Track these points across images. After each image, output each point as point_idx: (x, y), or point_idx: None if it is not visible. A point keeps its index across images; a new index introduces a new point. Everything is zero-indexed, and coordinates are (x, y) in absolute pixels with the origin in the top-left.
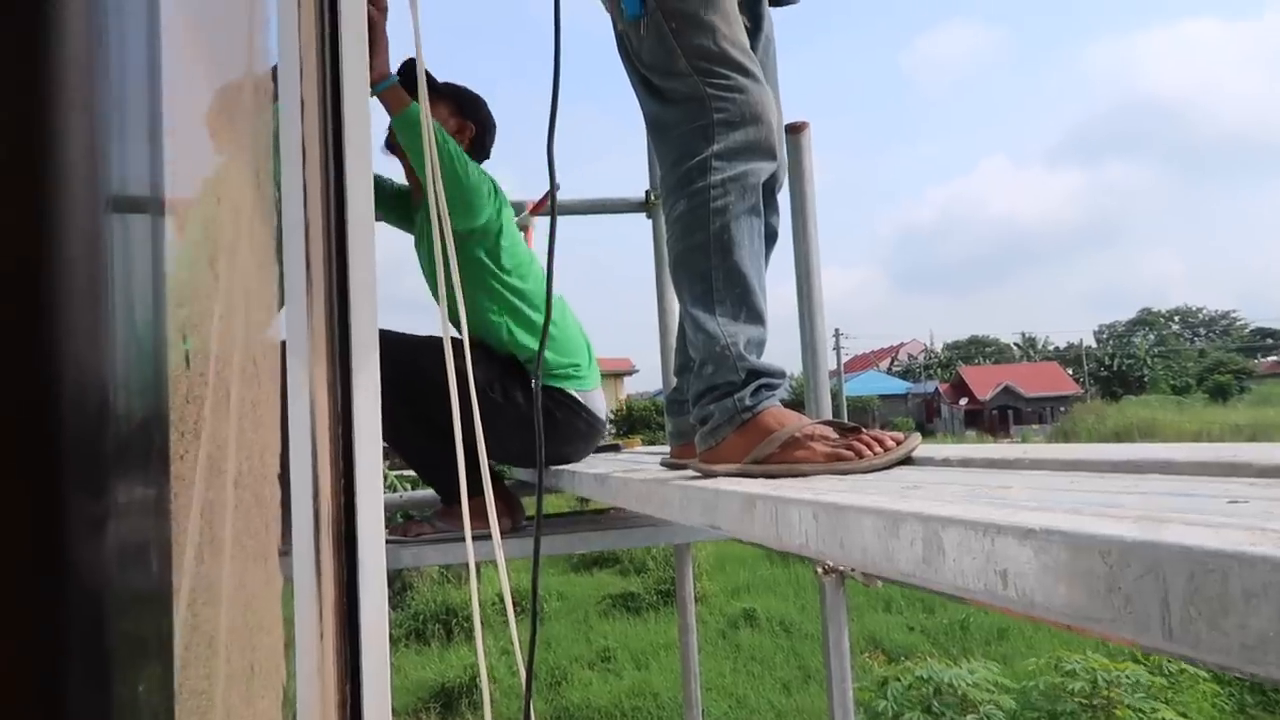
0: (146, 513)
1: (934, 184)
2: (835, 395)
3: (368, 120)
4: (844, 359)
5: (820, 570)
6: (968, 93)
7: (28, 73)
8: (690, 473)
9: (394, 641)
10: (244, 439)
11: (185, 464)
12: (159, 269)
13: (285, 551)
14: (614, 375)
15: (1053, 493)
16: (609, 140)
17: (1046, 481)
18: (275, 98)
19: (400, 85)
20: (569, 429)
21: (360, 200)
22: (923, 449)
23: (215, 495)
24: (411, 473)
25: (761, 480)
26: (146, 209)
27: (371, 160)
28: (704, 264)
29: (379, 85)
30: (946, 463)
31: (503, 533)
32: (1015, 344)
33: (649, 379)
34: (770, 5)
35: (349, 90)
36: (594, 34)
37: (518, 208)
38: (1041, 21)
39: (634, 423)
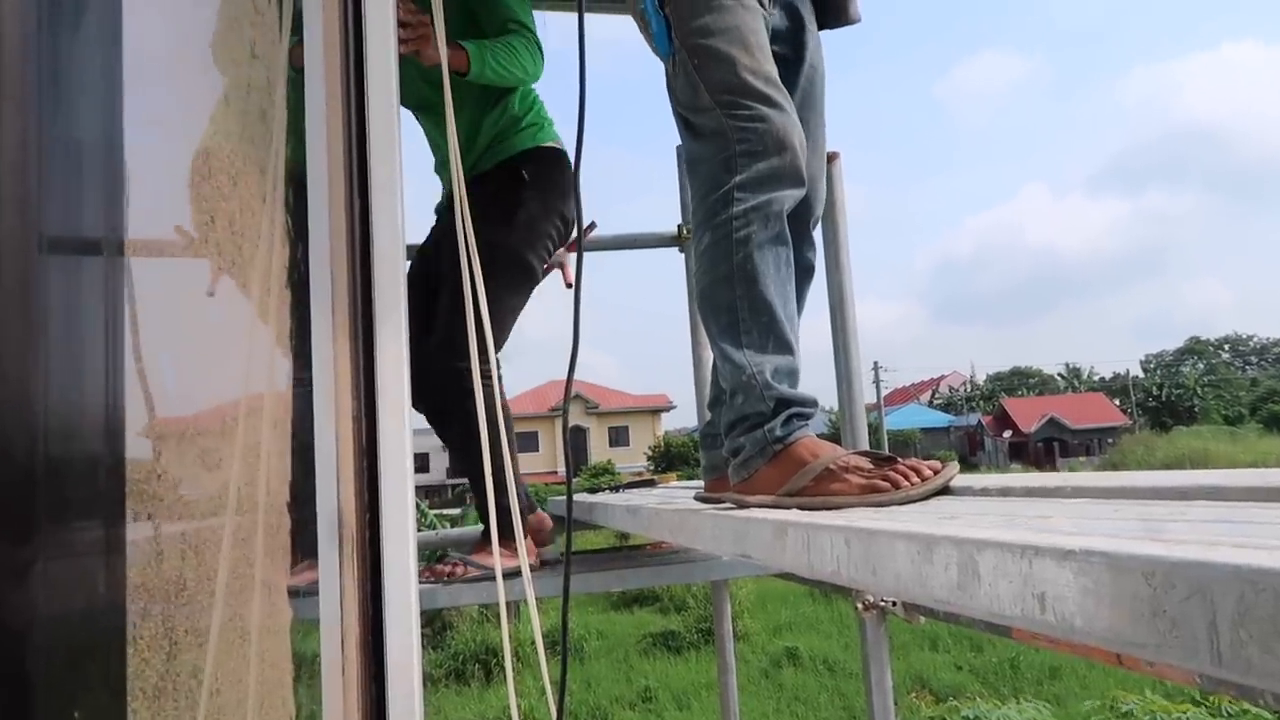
0: (90, 546)
1: (972, 214)
2: (876, 429)
3: (394, 139)
4: (884, 392)
5: (860, 606)
6: (1005, 122)
7: None
8: (724, 504)
9: (434, 682)
10: (246, 467)
11: (163, 487)
12: (113, 300)
13: (310, 591)
14: (651, 412)
15: (1095, 520)
16: (642, 182)
17: (1089, 509)
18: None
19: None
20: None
21: (385, 228)
22: (961, 479)
23: (209, 524)
24: (451, 511)
25: (796, 510)
26: (99, 238)
27: (400, 188)
28: (729, 295)
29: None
30: (985, 492)
31: (534, 568)
32: (1059, 375)
33: (686, 415)
34: (821, 29)
35: (374, 107)
36: (626, 79)
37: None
38: (1078, 50)
39: (672, 458)
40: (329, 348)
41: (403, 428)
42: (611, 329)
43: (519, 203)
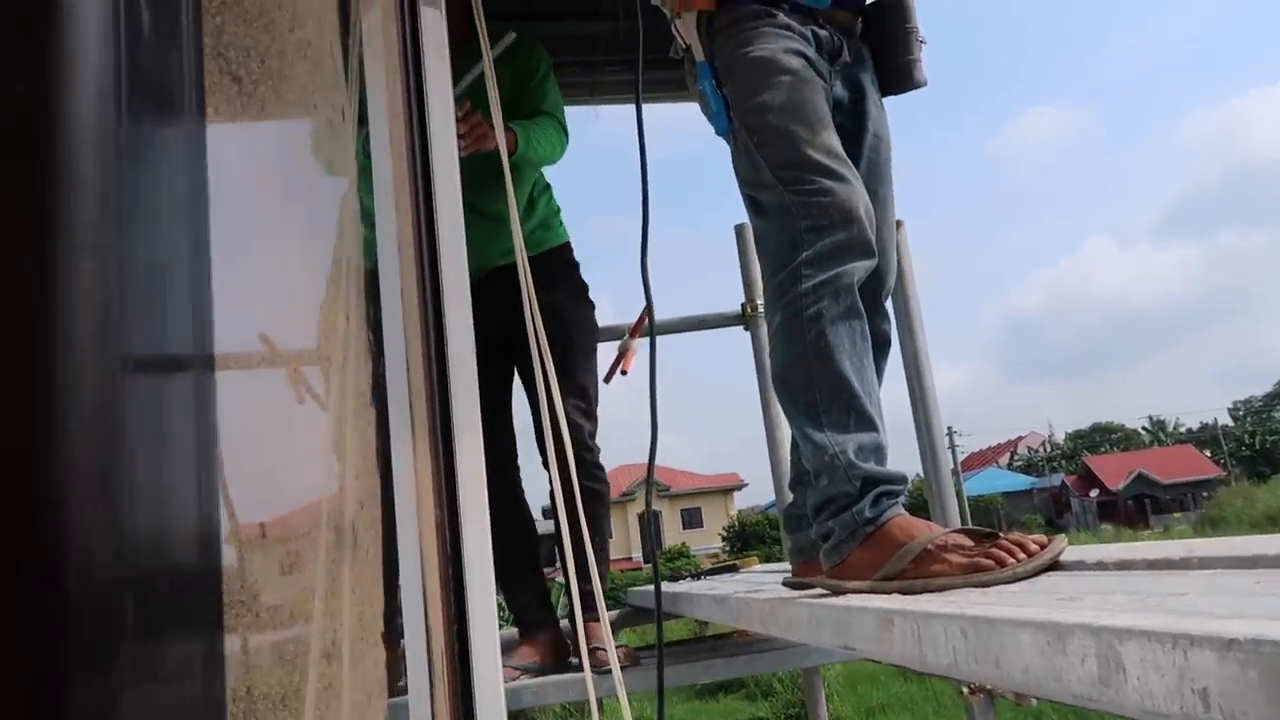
0: (178, 700)
1: (1036, 269)
2: (954, 495)
3: (461, 238)
4: (960, 457)
5: (966, 690)
6: (1062, 176)
7: (29, 220)
8: (817, 591)
9: None
10: (338, 602)
11: (256, 636)
12: (206, 429)
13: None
14: (723, 491)
15: (1241, 597)
16: (704, 261)
17: (1226, 583)
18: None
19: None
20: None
21: (459, 332)
22: (1071, 551)
23: (306, 669)
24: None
25: (896, 595)
26: (188, 364)
27: (468, 295)
28: (804, 374)
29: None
30: (1101, 566)
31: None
32: (1143, 428)
33: (758, 493)
34: (885, 95)
35: (442, 204)
36: (683, 157)
37: (616, 331)
38: (1131, 98)
39: (747, 538)
40: (409, 458)
41: (484, 533)
42: (677, 410)
43: (585, 287)
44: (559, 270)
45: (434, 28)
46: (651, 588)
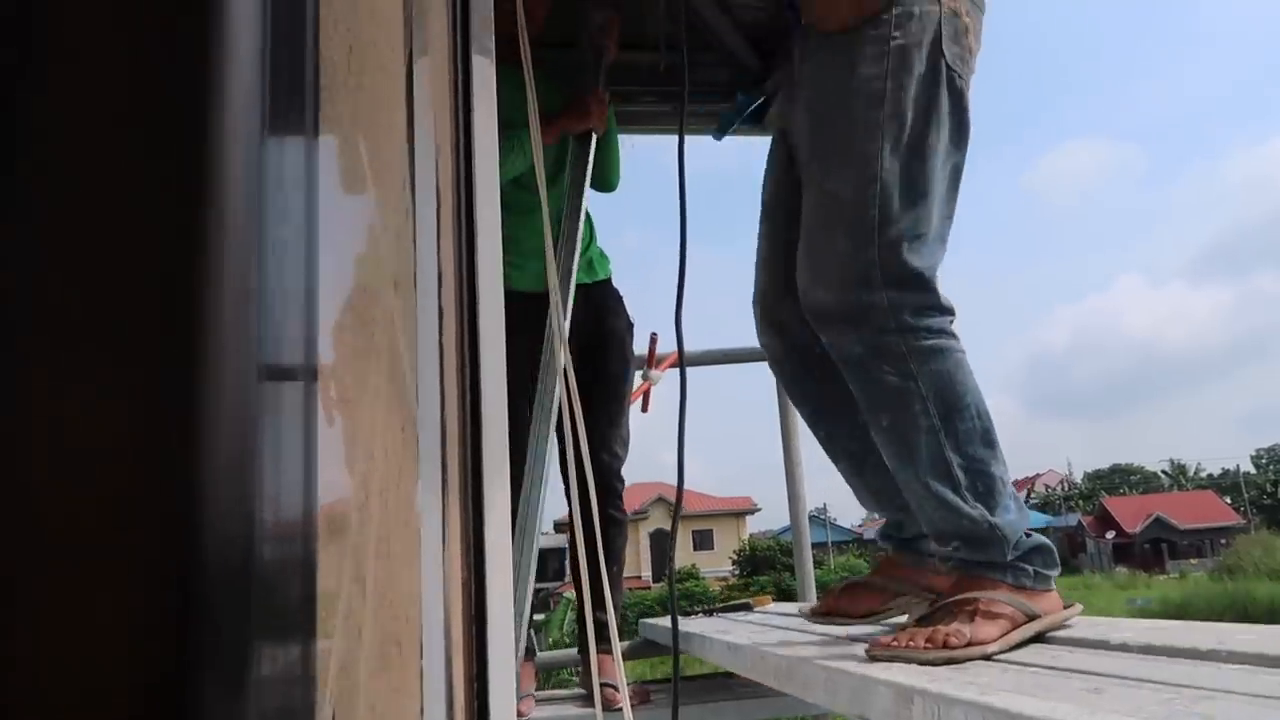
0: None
1: (1064, 304)
2: None
3: (498, 255)
4: None
5: None
6: (1096, 211)
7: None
8: (836, 653)
9: None
10: (382, 622)
11: (327, 629)
12: (310, 436)
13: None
14: (735, 514)
15: (1273, 701)
16: (726, 279)
17: (1260, 682)
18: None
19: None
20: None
21: (493, 362)
22: (1094, 629)
23: (355, 670)
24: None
25: (919, 669)
26: (298, 374)
27: (501, 322)
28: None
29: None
30: (1125, 649)
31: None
32: (1163, 471)
33: (771, 518)
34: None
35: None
36: (717, 173)
37: (636, 361)
38: (1172, 135)
39: (757, 563)
40: (438, 505)
41: (509, 594)
42: (691, 430)
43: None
44: (617, 302)
45: (484, 73)
46: (665, 621)
